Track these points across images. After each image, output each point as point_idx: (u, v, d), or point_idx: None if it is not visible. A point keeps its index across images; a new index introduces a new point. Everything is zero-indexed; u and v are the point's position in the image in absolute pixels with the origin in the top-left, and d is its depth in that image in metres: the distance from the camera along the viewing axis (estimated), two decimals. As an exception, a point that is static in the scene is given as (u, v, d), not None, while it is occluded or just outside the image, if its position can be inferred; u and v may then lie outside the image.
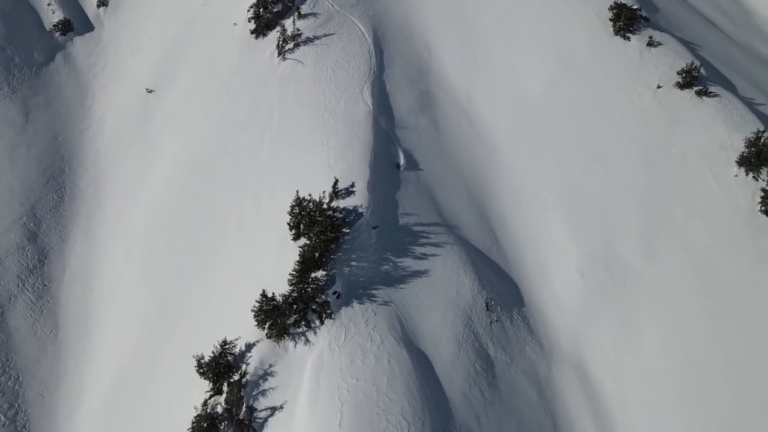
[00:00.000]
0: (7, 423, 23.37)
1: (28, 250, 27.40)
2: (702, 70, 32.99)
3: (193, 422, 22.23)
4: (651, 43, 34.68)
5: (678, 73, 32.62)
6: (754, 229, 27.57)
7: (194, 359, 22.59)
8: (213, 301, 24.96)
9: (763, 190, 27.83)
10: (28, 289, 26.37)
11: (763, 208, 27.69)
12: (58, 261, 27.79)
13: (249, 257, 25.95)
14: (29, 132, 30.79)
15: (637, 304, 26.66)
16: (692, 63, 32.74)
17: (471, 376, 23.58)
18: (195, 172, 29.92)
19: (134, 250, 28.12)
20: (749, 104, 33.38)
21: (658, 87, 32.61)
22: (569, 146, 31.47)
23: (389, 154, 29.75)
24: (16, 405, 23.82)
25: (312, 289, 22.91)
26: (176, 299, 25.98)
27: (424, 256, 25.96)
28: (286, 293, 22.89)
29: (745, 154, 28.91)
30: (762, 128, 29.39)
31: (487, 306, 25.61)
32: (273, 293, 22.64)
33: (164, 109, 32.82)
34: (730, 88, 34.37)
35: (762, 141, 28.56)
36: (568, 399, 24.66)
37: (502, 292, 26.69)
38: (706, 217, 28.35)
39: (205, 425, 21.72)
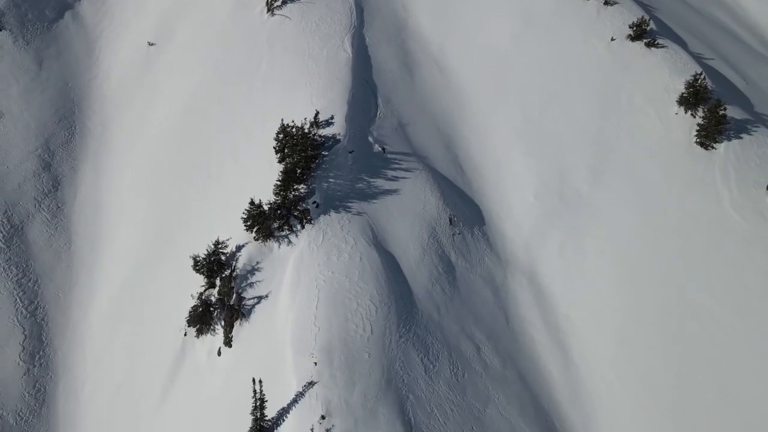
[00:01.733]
0: (28, 315, 26.73)
1: (43, 177, 30.73)
2: (652, 24, 36.40)
3: (190, 310, 25.65)
4: (608, 2, 38.07)
5: (630, 27, 36.01)
6: (690, 158, 30.97)
7: (191, 259, 25.96)
8: (208, 216, 28.28)
9: (699, 125, 31.23)
10: (43, 210, 29.73)
11: (697, 140, 31.09)
12: (69, 187, 31.11)
13: (241, 180, 29.29)
14: (42, 78, 34.09)
15: (584, 222, 30.03)
16: (642, 17, 36.14)
17: (433, 276, 26.97)
18: (193, 113, 33.23)
19: (139, 178, 31.45)
20: (696, 57, 36.80)
21: (612, 39, 36.00)
22: (530, 91, 34.82)
23: (367, 96, 33.09)
24: (35, 302, 27.18)
25: (294, 197, 26.28)
26: (176, 216, 29.29)
27: (395, 178, 29.34)
28: (272, 201, 26.26)
29: (684, 95, 32.30)
30: (700, 71, 32.78)
31: (450, 221, 28.99)
32: (260, 200, 26.00)
33: (165, 59, 36.16)
34: (680, 42, 37.75)
35: (699, 82, 31.93)
36: (520, 299, 28.05)
37: (465, 211, 30.08)
38: (649, 149, 31.74)
39: (200, 310, 25.13)
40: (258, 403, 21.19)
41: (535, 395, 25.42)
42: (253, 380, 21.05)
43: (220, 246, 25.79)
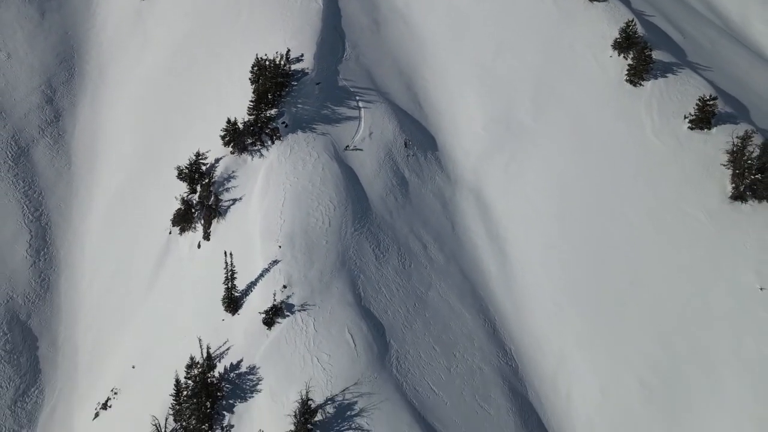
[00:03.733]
0: (34, 220, 30.52)
1: (46, 110, 34.59)
2: (595, -18, 40.27)
3: (174, 212, 29.52)
4: (557, -36, 41.96)
5: (575, -16, 39.91)
6: (620, 93, 34.86)
7: (175, 169, 29.82)
8: (191, 136, 32.09)
9: (629, 65, 35.15)
10: (46, 136, 33.61)
11: (627, 78, 35.00)
12: (69, 118, 34.91)
13: (221, 108, 32.98)
14: (45, 27, 37.83)
15: (526, 148, 33.90)
16: (586, -25, 40.03)
17: (388, 187, 30.86)
18: (180, 55, 36.98)
19: (131, 110, 35.23)
20: (637, 12, 40.68)
21: (559, -5, 39.93)
22: (485, 40, 38.65)
23: (335, 40, 36.91)
24: (40, 209, 30.97)
25: (265, 118, 30.15)
26: (163, 138, 33.08)
27: (356, 107, 33.24)
28: (246, 120, 30.12)
29: (618, 40, 36.21)
30: (632, 18, 36.69)
31: (405, 144, 32.88)
32: (236, 119, 29.87)
33: (155, 11, 39.86)
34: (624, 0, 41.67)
35: (630, 28, 35.84)
36: (465, 212, 31.93)
37: (420, 138, 33.96)
38: (585, 87, 35.63)
39: (183, 211, 28.99)
40: (229, 274, 25.08)
41: (474, 286, 29.32)
42: (225, 253, 24.93)
43: (200, 157, 29.63)
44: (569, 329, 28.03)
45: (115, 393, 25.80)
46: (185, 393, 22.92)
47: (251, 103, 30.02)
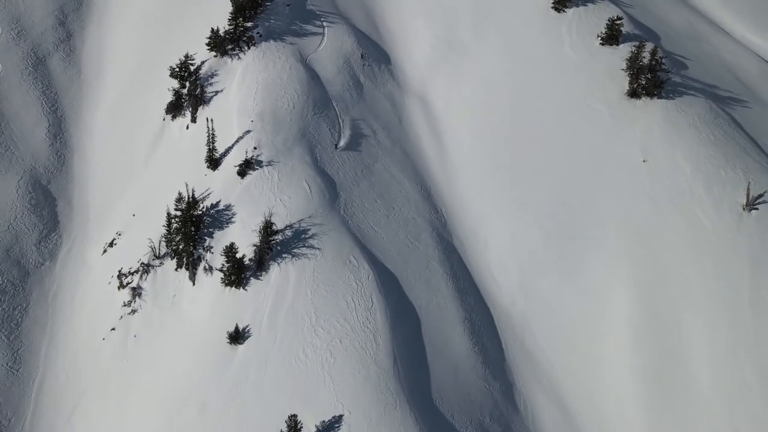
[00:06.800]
0: (51, 113, 37.11)
1: (59, 30, 41.01)
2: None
3: (168, 104, 35.79)
4: None
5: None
6: (546, 18, 41.15)
7: (168, 69, 36.07)
8: (181, 45, 38.19)
9: (556, -6, 41.54)
10: (60, 50, 40.10)
11: (553, 6, 41.27)
12: (79, 38, 41.22)
13: (206, 24, 39.07)
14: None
15: (465, 61, 40.17)
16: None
17: (345, 86, 37.15)
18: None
19: (131, 29, 41.66)
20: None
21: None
22: (435, -22, 44.96)
23: (305, -23, 43.27)
24: (56, 105, 37.61)
25: (243, 28, 36.43)
26: (157, 50, 39.44)
27: (320, 25, 39.59)
28: (227, 29, 36.38)
29: (546, -26, 42.53)
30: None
31: (362, 56, 39.19)
32: (218, 27, 36.16)
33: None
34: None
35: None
36: (411, 110, 38.21)
37: (375, 53, 40.25)
38: (517, 13, 41.88)
39: (174, 100, 35.26)
40: (210, 137, 31.33)
41: (414, 164, 35.57)
42: (207, 119, 31.23)
43: (188, 58, 35.87)
44: (490, 194, 34.25)
45: (119, 234, 32.12)
46: (175, 224, 29.20)
47: (231, 15, 36.25)
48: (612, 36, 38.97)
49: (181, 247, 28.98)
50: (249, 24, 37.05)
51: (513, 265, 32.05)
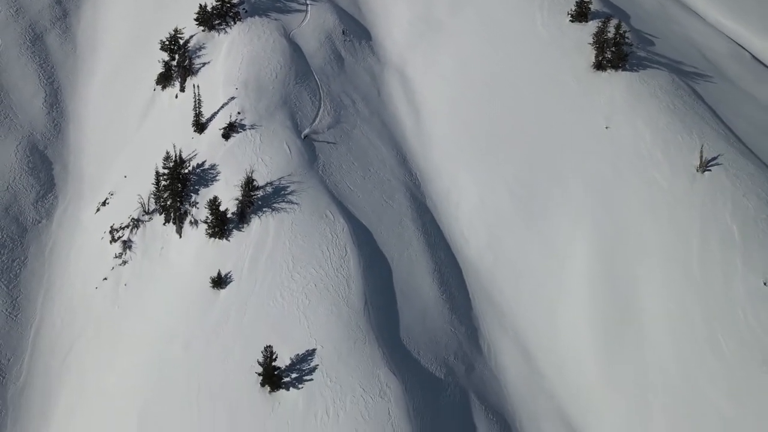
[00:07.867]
0: (48, 84, 39.03)
1: (55, 9, 43.20)
2: None
3: (158, 75, 37.83)
4: None
5: None
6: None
7: (159, 43, 38.12)
8: (171, 21, 40.30)
9: (530, -26, 43.52)
10: (57, 28, 42.26)
11: (527, -15, 43.36)
12: (75, 16, 43.36)
13: (196, 3, 41.27)
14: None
15: (442, 41, 42.23)
16: None
17: (326, 60, 39.22)
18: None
19: (124, 9, 43.77)
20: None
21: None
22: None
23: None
24: (53, 77, 39.49)
25: (230, 4, 38.47)
26: (148, 28, 41.53)
27: (304, 3, 41.79)
28: (214, 5, 38.44)
29: (522, -44, 44.54)
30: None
31: (343, 32, 41.27)
32: (206, 3, 38.24)
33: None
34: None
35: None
36: (390, 83, 40.29)
37: (356, 30, 42.34)
38: (494, -8, 44.00)
39: (164, 72, 37.29)
40: (197, 102, 33.37)
41: (391, 132, 37.62)
42: (193, 86, 33.27)
43: (178, 32, 37.93)
44: (463, 161, 36.27)
45: (111, 194, 34.20)
46: (163, 182, 31.23)
47: (218, -6, 38.44)
48: (581, 14, 41.03)
49: (168, 203, 31.01)
50: (235, 0, 39.09)
51: (481, 224, 34.06)
